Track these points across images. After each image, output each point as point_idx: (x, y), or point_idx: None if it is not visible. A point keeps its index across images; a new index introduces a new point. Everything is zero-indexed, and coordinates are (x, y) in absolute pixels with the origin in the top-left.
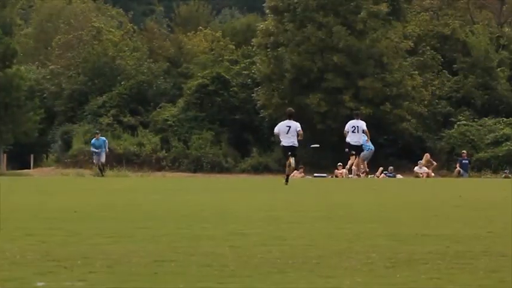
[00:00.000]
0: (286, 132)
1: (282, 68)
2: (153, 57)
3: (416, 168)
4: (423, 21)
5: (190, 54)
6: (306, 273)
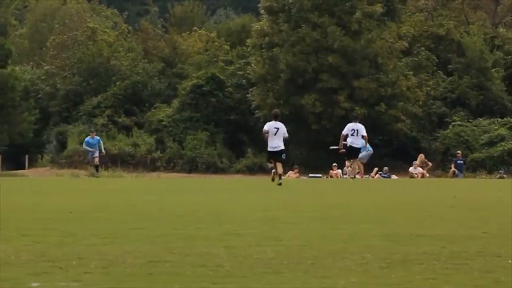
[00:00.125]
0: (274, 133)
1: (277, 69)
2: (148, 57)
3: (411, 168)
4: (418, 22)
5: (185, 54)
6: (301, 274)
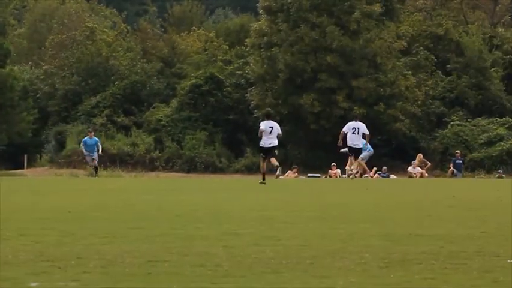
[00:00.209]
0: (269, 132)
1: (276, 68)
2: (147, 57)
3: (409, 168)
4: (416, 22)
5: (184, 54)
6: (299, 274)
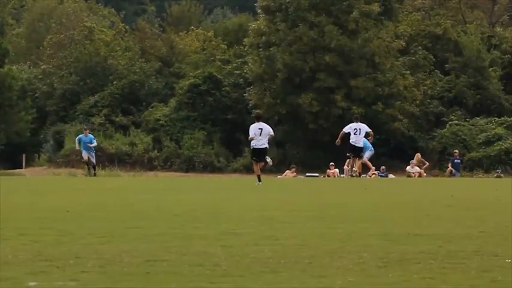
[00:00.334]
0: (259, 134)
1: (274, 68)
2: (145, 57)
3: (408, 168)
4: (415, 21)
5: (182, 54)
6: (298, 273)
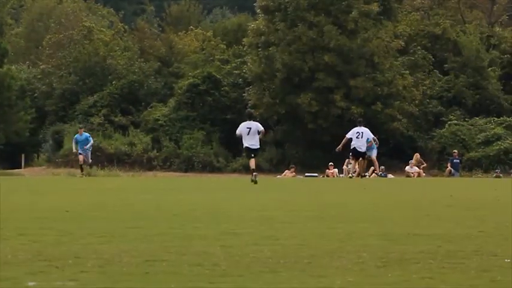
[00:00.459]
0: (247, 133)
1: (273, 68)
2: (144, 56)
3: (407, 167)
4: (414, 21)
5: (181, 53)
6: (297, 273)
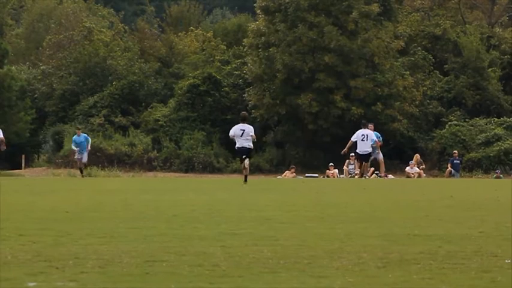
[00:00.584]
0: (240, 135)
1: (273, 68)
2: (144, 57)
3: (407, 168)
4: (414, 22)
5: (182, 54)
6: (297, 273)
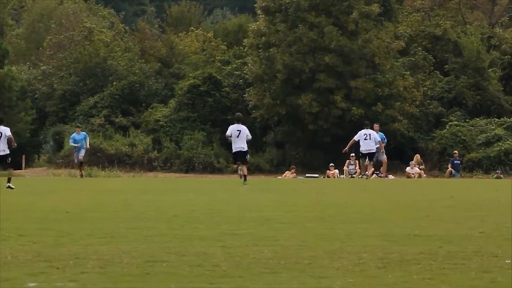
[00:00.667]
0: (237, 136)
1: (274, 69)
2: (145, 57)
3: (408, 168)
4: (415, 22)
5: (182, 54)
6: (297, 274)
